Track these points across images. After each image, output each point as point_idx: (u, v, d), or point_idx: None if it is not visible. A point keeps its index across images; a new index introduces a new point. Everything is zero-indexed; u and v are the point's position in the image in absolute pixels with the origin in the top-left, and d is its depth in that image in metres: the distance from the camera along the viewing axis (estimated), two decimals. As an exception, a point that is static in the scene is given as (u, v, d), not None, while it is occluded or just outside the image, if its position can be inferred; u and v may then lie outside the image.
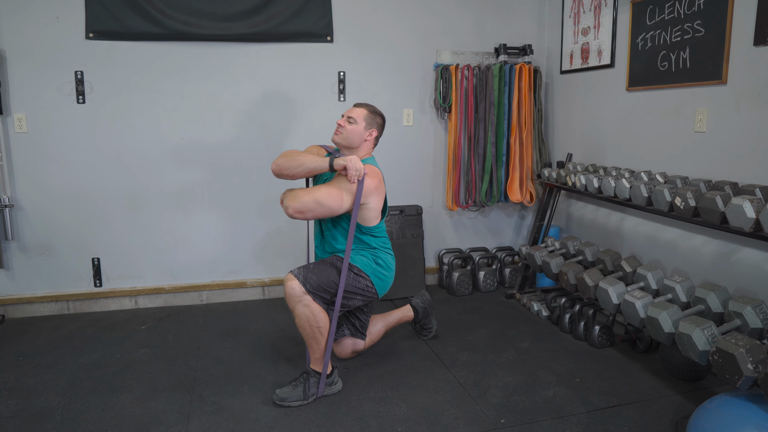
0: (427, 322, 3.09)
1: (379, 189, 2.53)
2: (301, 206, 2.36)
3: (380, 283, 2.61)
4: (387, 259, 2.64)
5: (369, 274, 2.55)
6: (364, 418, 2.32)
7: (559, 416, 2.33)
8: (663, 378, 2.64)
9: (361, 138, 2.58)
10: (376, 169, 2.57)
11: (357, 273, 2.52)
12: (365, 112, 2.60)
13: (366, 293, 2.57)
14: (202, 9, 3.41)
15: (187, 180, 3.60)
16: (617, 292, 2.71)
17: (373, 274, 2.57)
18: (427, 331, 3.11)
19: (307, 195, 2.38)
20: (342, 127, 2.57)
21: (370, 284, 2.56)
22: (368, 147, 2.64)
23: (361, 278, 2.53)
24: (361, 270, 2.53)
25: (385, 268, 2.62)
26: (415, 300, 3.09)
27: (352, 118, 2.57)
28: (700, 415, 2.08)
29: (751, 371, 1.94)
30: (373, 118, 2.62)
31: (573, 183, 3.34)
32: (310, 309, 2.40)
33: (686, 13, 2.81)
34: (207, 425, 2.28)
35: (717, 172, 2.69)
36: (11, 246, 3.42)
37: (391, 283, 2.69)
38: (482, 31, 3.92)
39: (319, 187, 2.43)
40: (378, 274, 2.59)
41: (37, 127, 3.34)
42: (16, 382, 2.63)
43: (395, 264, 2.71)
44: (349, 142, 2.57)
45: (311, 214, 2.39)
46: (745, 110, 2.53)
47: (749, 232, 2.19)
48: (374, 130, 2.62)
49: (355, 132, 2.56)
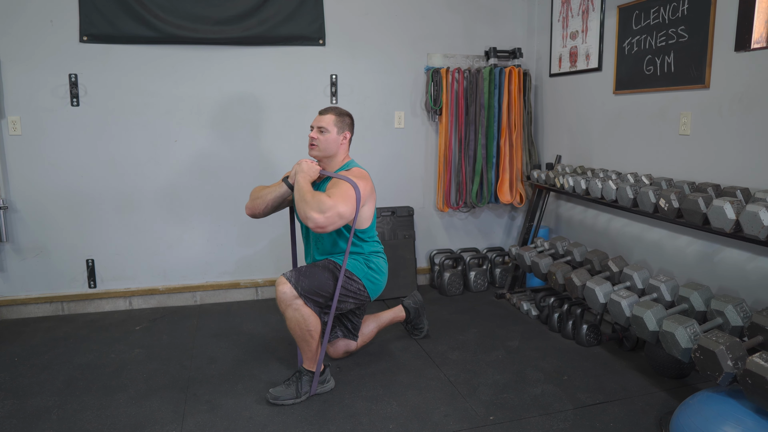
0: (418, 322, 3.14)
1: (373, 192, 2.59)
2: (325, 222, 2.30)
3: (372, 286, 2.64)
4: (379, 263, 2.67)
5: (361, 278, 2.59)
6: (355, 416, 2.37)
7: (546, 413, 2.39)
8: (649, 375, 2.71)
9: (336, 144, 2.59)
10: (364, 172, 2.59)
11: (349, 277, 2.56)
12: (333, 118, 2.58)
13: (358, 296, 2.61)
14: (195, 12, 3.44)
15: (180, 182, 3.64)
16: (604, 291, 2.77)
17: (365, 278, 2.61)
18: (418, 330, 3.16)
19: (332, 210, 2.30)
20: (315, 139, 2.57)
21: (362, 288, 2.60)
22: (345, 150, 2.65)
23: (353, 282, 2.57)
24: (353, 274, 2.57)
25: (377, 272, 2.65)
26: (407, 301, 3.13)
27: (323, 128, 2.56)
28: (683, 410, 2.15)
29: (730, 368, 2.01)
30: (343, 121, 2.61)
31: (561, 185, 3.40)
32: (301, 313, 2.44)
33: (671, 18, 2.88)
34: (202, 424, 2.32)
35: (701, 174, 2.76)
36: (6, 248, 3.44)
37: (383, 287, 2.73)
38: (473, 34, 3.98)
39: (337, 199, 2.35)
40: (370, 278, 2.63)
41: (32, 129, 3.36)
42: (12, 383, 2.66)
43: (387, 267, 2.75)
44: (327, 152, 2.58)
45: (332, 227, 2.34)
46: (726, 114, 2.60)
47: (730, 232, 2.25)
48: (347, 132, 2.63)
49: (329, 141, 2.57)
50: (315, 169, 2.50)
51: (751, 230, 2.15)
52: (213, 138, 3.64)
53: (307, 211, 2.30)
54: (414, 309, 3.10)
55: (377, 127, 3.88)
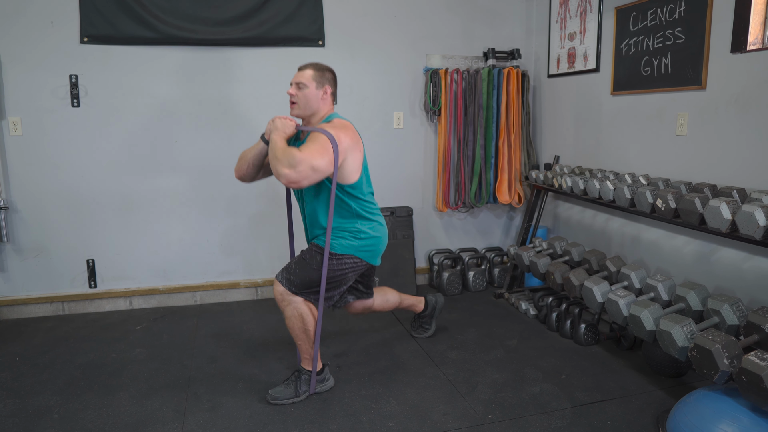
0: (427, 321, 3.18)
1: (357, 143, 2.42)
2: (297, 176, 2.22)
3: (369, 254, 2.55)
4: (369, 228, 2.52)
5: (353, 253, 2.49)
6: (355, 415, 2.39)
7: (544, 411, 2.41)
8: (646, 374, 2.73)
9: (317, 100, 2.45)
10: (346, 122, 2.46)
11: (339, 258, 2.47)
12: (311, 72, 2.44)
13: (356, 268, 2.53)
14: (195, 14, 3.46)
15: (180, 182, 3.65)
16: (602, 291, 2.80)
17: (358, 251, 2.51)
18: (423, 329, 3.19)
19: (303, 164, 2.21)
20: (294, 96, 2.45)
21: (359, 260, 2.52)
22: (327, 105, 2.51)
23: (345, 260, 2.48)
24: (342, 254, 2.47)
25: (368, 239, 2.52)
26: (430, 297, 3.17)
27: (301, 83, 2.43)
28: (679, 408, 2.17)
29: (726, 366, 2.03)
30: (323, 75, 2.47)
31: (560, 185, 3.42)
32: (299, 311, 2.45)
33: (668, 20, 2.90)
34: (203, 422, 2.33)
35: (697, 175, 2.78)
36: (6, 248, 3.45)
37: (382, 249, 2.60)
38: (471, 35, 3.99)
39: (310, 151, 2.24)
40: (363, 249, 2.51)
41: (32, 130, 3.38)
42: (14, 382, 2.67)
43: (384, 225, 2.60)
44: (307, 108, 2.46)
45: (306, 182, 2.26)
46: (723, 115, 2.63)
47: (726, 232, 2.28)
48: (327, 86, 2.48)
49: (309, 97, 2.44)
50: (290, 125, 2.38)
51: (746, 230, 2.17)
52: (213, 138, 3.66)
53: (278, 167, 2.23)
54: (432, 307, 3.15)
55: (376, 128, 3.89)
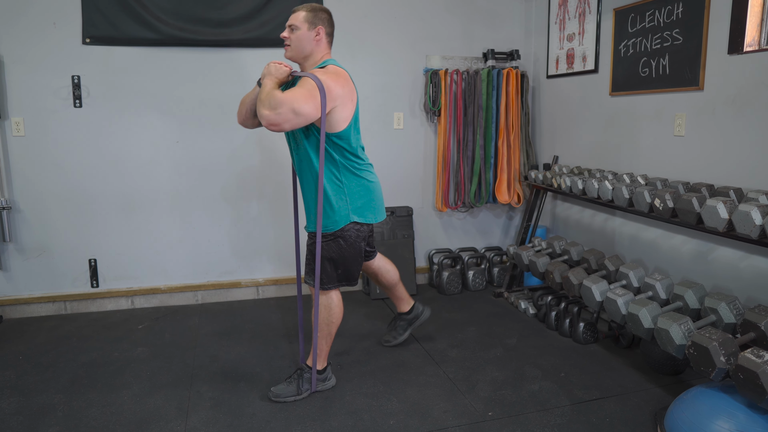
0: (403, 327, 3.06)
1: (348, 91, 2.33)
2: (277, 119, 2.17)
3: (370, 213, 2.49)
4: (359, 188, 2.44)
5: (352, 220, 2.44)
6: (357, 412, 2.41)
7: (544, 409, 2.44)
8: (644, 372, 2.75)
9: (310, 41, 2.37)
10: (340, 69, 2.37)
11: (339, 235, 2.43)
12: (303, 13, 2.37)
13: (360, 234, 2.49)
14: (197, 15, 3.48)
15: (182, 182, 3.67)
16: (600, 290, 2.82)
17: (357, 213, 2.44)
18: (396, 334, 3.06)
19: (283, 105, 2.16)
20: (287, 38, 2.38)
21: (359, 225, 2.47)
22: (323, 47, 2.42)
23: (346, 234, 2.44)
24: (342, 230, 2.43)
25: (361, 198, 2.45)
26: (420, 305, 3.06)
27: (293, 25, 2.37)
28: (677, 405, 2.19)
29: (723, 363, 2.06)
30: (316, 15, 2.38)
31: (559, 185, 3.45)
32: (327, 302, 2.50)
33: (665, 21, 2.93)
34: (206, 420, 2.36)
35: (695, 175, 2.81)
36: (9, 248, 3.47)
37: (378, 202, 2.54)
38: (471, 36, 4.02)
39: (294, 94, 2.19)
40: (360, 211, 2.45)
41: (35, 130, 3.40)
42: (17, 381, 2.69)
43: (374, 178, 2.53)
44: (300, 50, 2.39)
45: (288, 125, 2.19)
46: (720, 115, 2.65)
47: (723, 231, 2.30)
48: (320, 27, 2.38)
49: (301, 38, 2.36)
50: (283, 70, 2.33)
51: (743, 229, 2.20)
52: (214, 139, 3.68)
53: (260, 108, 2.19)
54: (416, 314, 3.04)
55: (376, 128, 3.92)
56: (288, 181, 3.81)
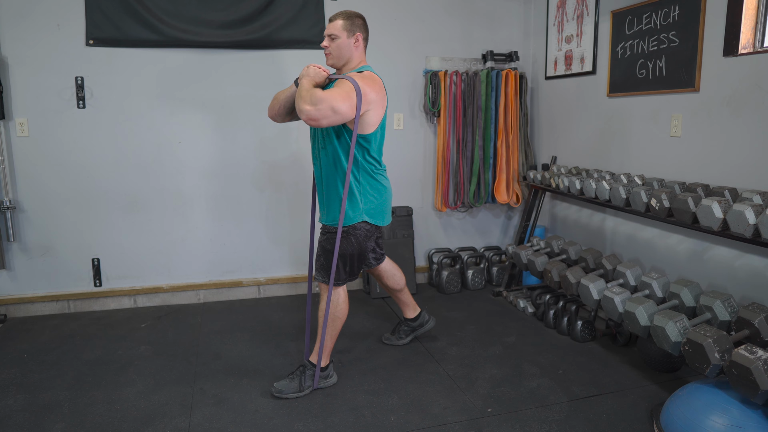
0: (407, 332, 3.12)
1: (381, 98, 2.48)
2: (317, 114, 2.28)
3: (380, 216, 2.61)
4: (371, 188, 2.58)
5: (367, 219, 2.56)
6: (358, 408, 2.45)
7: (542, 405, 2.47)
8: (641, 369, 2.79)
9: (350, 48, 2.51)
10: (376, 76, 2.51)
11: (350, 232, 2.54)
12: (341, 22, 2.49)
13: (369, 234, 2.60)
14: (199, 16, 3.52)
15: (184, 182, 3.71)
16: (598, 288, 2.87)
17: (369, 215, 2.56)
18: (398, 337, 3.13)
19: (323, 102, 2.28)
20: (328, 47, 2.51)
21: (369, 225, 2.59)
22: (360, 53, 2.56)
23: (357, 232, 2.55)
24: (353, 227, 2.54)
25: (372, 198, 2.58)
26: (427, 314, 3.13)
27: (332, 35, 2.49)
28: (672, 402, 2.23)
29: (717, 360, 2.10)
30: (353, 23, 2.51)
31: (557, 185, 3.49)
32: (334, 297, 2.59)
33: (662, 24, 2.97)
34: (209, 416, 2.40)
35: (691, 175, 2.85)
36: (13, 247, 3.51)
37: (389, 205, 2.68)
38: (470, 38, 4.06)
39: (333, 93, 2.32)
40: (371, 213, 2.57)
41: (39, 131, 3.43)
42: (23, 378, 2.73)
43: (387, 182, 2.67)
44: (341, 58, 2.52)
45: (326, 121, 2.31)
46: (716, 117, 2.69)
47: (717, 230, 2.34)
48: (358, 34, 2.52)
49: (341, 46, 2.49)
50: (321, 74, 2.44)
51: (737, 228, 2.24)
52: (216, 139, 3.72)
53: (300, 104, 2.30)
54: (422, 322, 3.10)
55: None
56: (288, 182, 3.86)
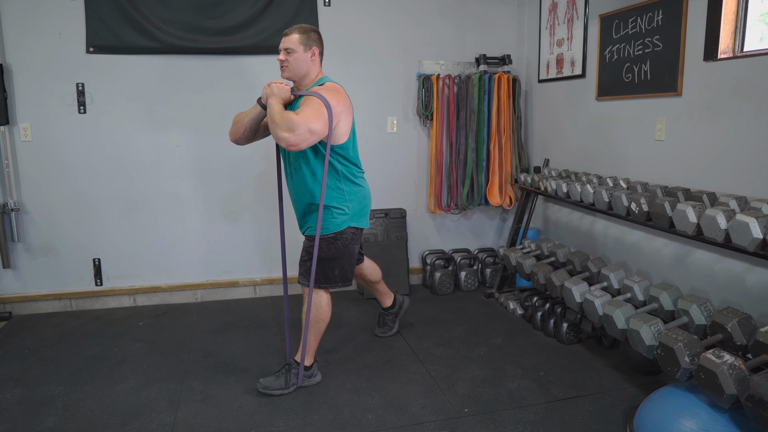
0: (392, 319, 3.29)
1: (348, 107, 2.52)
2: (296, 140, 2.30)
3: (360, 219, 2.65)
4: (355, 192, 2.62)
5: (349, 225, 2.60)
6: (338, 407, 2.52)
7: (519, 406, 2.52)
8: (623, 372, 2.82)
9: (306, 62, 2.53)
10: (337, 85, 2.54)
11: (338, 238, 2.59)
12: (297, 36, 2.50)
13: (355, 237, 2.65)
14: (195, 24, 3.61)
15: (182, 185, 3.81)
16: (580, 291, 2.89)
17: (351, 221, 2.61)
18: (387, 328, 3.29)
19: (300, 127, 2.29)
20: (284, 61, 2.52)
21: (354, 229, 2.64)
22: (317, 66, 2.58)
23: (345, 235, 2.60)
24: (341, 233, 2.59)
25: (356, 203, 2.62)
26: (400, 296, 3.32)
27: (289, 48, 2.50)
28: (646, 405, 2.26)
29: (687, 363, 2.12)
30: (309, 37, 2.53)
31: (545, 188, 3.51)
32: (317, 300, 2.64)
33: (647, 28, 2.99)
34: (194, 412, 2.48)
35: (674, 179, 2.87)
36: (17, 247, 3.64)
37: (369, 207, 2.72)
38: (463, 41, 4.10)
39: (306, 115, 2.33)
40: (355, 216, 2.62)
41: (42, 135, 3.56)
42: (22, 373, 2.85)
43: (366, 186, 2.71)
44: (298, 71, 2.54)
45: (305, 144, 2.34)
46: (697, 121, 2.71)
47: (692, 235, 2.36)
48: (314, 48, 2.54)
49: (298, 60, 2.51)
50: (285, 89, 2.46)
51: (710, 233, 2.26)
52: (212, 143, 3.81)
53: (278, 131, 2.31)
54: (399, 306, 3.28)
55: (371, 132, 4.02)
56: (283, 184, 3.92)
